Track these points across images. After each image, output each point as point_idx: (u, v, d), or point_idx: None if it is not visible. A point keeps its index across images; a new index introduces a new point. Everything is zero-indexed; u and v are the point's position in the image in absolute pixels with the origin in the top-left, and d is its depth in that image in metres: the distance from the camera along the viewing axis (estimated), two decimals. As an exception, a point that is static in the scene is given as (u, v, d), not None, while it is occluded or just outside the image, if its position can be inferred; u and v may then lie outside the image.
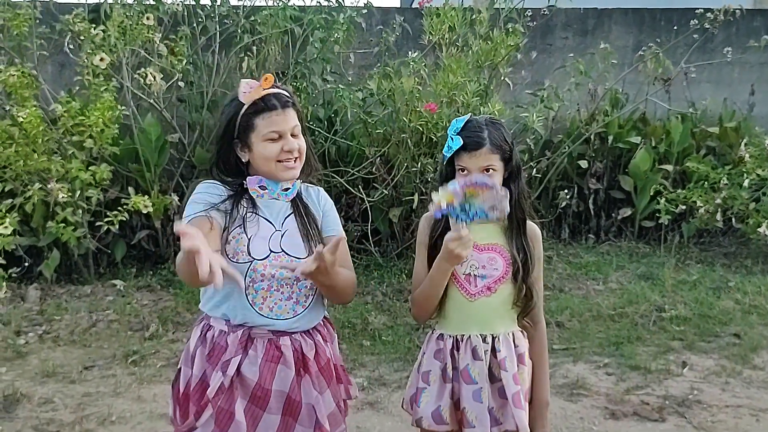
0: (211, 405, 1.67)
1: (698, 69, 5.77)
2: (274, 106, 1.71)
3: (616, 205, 5.96)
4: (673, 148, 5.82)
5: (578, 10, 6.17)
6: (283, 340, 1.73)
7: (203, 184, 1.78)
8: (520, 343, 1.88)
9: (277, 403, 1.71)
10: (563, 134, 5.76)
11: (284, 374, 1.72)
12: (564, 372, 3.49)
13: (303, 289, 1.77)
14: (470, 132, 1.79)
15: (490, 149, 1.78)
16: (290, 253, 1.74)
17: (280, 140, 1.73)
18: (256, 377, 1.69)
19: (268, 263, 1.71)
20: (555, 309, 4.30)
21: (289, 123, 1.73)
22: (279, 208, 1.79)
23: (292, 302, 1.75)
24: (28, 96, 4.05)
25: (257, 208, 1.77)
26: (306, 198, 1.85)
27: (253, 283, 1.71)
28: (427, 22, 4.81)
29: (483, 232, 1.84)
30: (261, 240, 1.73)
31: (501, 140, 1.81)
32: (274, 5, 5.02)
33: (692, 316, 4.25)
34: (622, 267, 5.22)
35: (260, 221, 1.75)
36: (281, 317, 1.74)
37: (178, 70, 4.76)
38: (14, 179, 4.26)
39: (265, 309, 1.72)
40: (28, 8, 4.51)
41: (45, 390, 3.20)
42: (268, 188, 1.78)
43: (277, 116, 1.71)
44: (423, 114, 4.52)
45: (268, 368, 1.70)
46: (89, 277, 4.77)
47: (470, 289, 1.85)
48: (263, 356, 1.71)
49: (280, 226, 1.77)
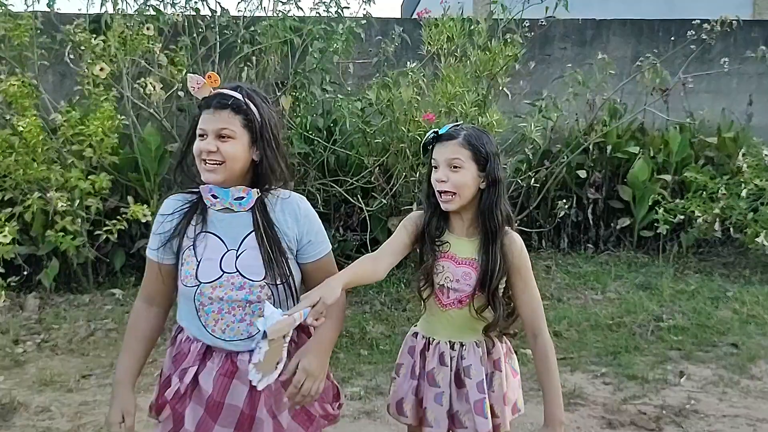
0: (168, 406, 1.72)
1: (696, 79, 5.78)
2: (208, 104, 1.65)
3: (615, 214, 5.97)
4: (672, 158, 5.84)
5: (576, 20, 6.20)
6: (241, 356, 1.70)
7: (165, 202, 1.76)
8: (495, 350, 1.89)
9: (229, 416, 1.69)
10: (562, 144, 5.78)
11: (239, 389, 1.69)
12: (561, 381, 3.45)
13: (256, 311, 1.67)
14: (450, 129, 1.81)
15: (460, 143, 1.77)
16: (245, 274, 1.66)
17: (204, 139, 1.65)
18: (210, 389, 1.69)
19: (218, 285, 1.66)
20: (553, 318, 4.30)
21: (216, 124, 1.63)
22: (238, 224, 1.70)
23: (245, 324, 1.68)
24: (28, 105, 4.07)
25: (208, 225, 1.70)
26: (277, 210, 1.73)
27: (203, 306, 1.68)
28: (426, 33, 4.84)
29: (462, 246, 1.84)
30: (210, 262, 1.67)
31: (478, 141, 1.78)
32: (273, 16, 5.05)
33: (690, 325, 4.25)
34: (620, 277, 5.22)
35: (210, 240, 1.69)
36: (234, 338, 1.69)
37: (178, 80, 4.78)
38: (14, 188, 4.27)
39: (217, 331, 1.68)
40: (29, 18, 4.54)
41: (42, 399, 3.20)
42: (219, 197, 1.69)
43: (207, 115, 1.65)
44: (421, 124, 4.54)
45: (221, 382, 1.69)
46: (88, 286, 4.78)
47: (443, 299, 1.86)
48: (218, 370, 1.69)
49: (236, 245, 1.69)
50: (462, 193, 1.78)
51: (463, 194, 1.78)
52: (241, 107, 1.64)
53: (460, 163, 1.77)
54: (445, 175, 1.77)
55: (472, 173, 1.78)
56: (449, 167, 1.77)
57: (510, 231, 1.82)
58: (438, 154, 1.80)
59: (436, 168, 1.81)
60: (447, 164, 1.77)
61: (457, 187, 1.77)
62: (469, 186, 1.78)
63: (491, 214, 1.78)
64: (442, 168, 1.78)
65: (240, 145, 1.65)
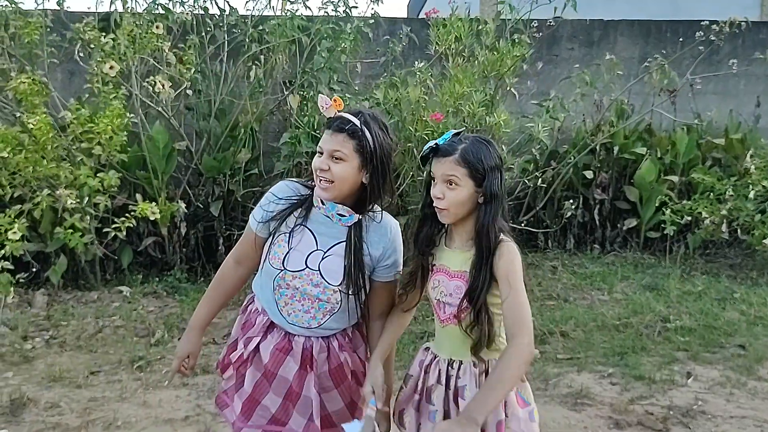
0: (232, 367, 1.95)
1: (704, 80, 5.78)
2: (330, 125, 1.80)
3: (622, 215, 5.96)
4: (679, 159, 5.82)
5: (584, 21, 6.19)
6: (297, 337, 1.89)
7: (280, 183, 1.94)
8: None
9: (280, 386, 1.88)
10: (569, 145, 5.77)
11: (290, 366, 1.87)
12: (568, 381, 3.49)
13: (322, 309, 1.87)
14: (450, 141, 1.75)
15: (456, 160, 1.72)
16: (325, 276, 1.83)
17: (320, 157, 1.80)
18: (268, 359, 1.88)
19: (298, 276, 1.84)
20: (559, 319, 4.30)
21: (331, 145, 1.77)
22: (333, 230, 1.85)
23: (309, 316, 1.87)
24: (38, 103, 4.09)
25: (308, 221, 1.86)
26: (370, 232, 1.86)
27: (279, 289, 1.86)
28: (434, 33, 4.85)
29: (455, 258, 1.81)
30: (299, 253, 1.84)
31: (475, 157, 1.72)
32: (282, 15, 5.06)
33: (697, 326, 4.24)
34: (627, 277, 5.21)
35: (305, 234, 1.85)
36: (296, 324, 1.88)
37: (187, 79, 4.80)
38: (23, 185, 4.29)
39: (284, 312, 1.88)
40: (39, 17, 4.57)
41: (51, 394, 3.21)
42: (326, 205, 1.84)
43: (328, 135, 1.79)
44: (429, 123, 4.54)
45: (277, 355, 1.88)
46: (96, 283, 4.80)
47: (440, 314, 1.84)
48: (276, 344, 1.88)
49: (325, 247, 1.85)
50: (457, 210, 1.75)
51: (458, 211, 1.75)
52: (357, 133, 1.76)
53: (456, 181, 1.72)
54: (442, 192, 1.73)
55: (469, 190, 1.73)
56: (446, 183, 1.73)
57: (505, 240, 1.75)
58: (435, 168, 1.76)
59: (434, 180, 1.77)
60: (443, 180, 1.73)
61: (453, 204, 1.74)
62: (464, 203, 1.74)
63: (486, 232, 1.73)
64: (440, 183, 1.74)
65: (350, 168, 1.78)
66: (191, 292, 4.64)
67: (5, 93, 4.43)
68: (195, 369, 2.22)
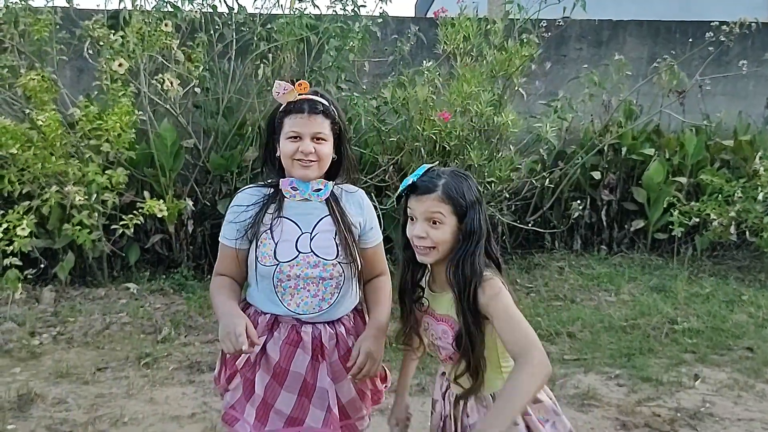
0: (239, 374, 1.88)
1: (713, 81, 5.76)
2: (302, 109, 1.82)
3: (629, 216, 5.94)
4: (687, 160, 5.80)
5: (593, 21, 6.17)
6: (305, 327, 1.86)
7: (238, 195, 1.94)
8: None
9: (294, 383, 1.85)
10: (576, 145, 5.76)
11: (302, 358, 1.85)
12: (575, 382, 3.48)
13: (329, 287, 1.86)
14: (426, 177, 1.67)
15: (439, 197, 1.63)
16: (319, 254, 1.84)
17: (299, 141, 1.83)
18: (278, 356, 1.84)
19: (295, 263, 1.83)
20: (566, 319, 4.29)
21: (311, 128, 1.82)
22: (311, 210, 1.88)
23: (318, 299, 1.86)
24: (47, 100, 4.10)
25: (283, 210, 1.87)
26: (344, 201, 1.93)
27: (281, 283, 1.84)
28: (442, 32, 4.84)
29: (439, 301, 1.73)
30: (287, 243, 1.84)
31: (458, 192, 1.64)
32: (290, 14, 5.07)
33: (705, 328, 4.22)
34: (634, 279, 5.20)
35: (285, 225, 1.86)
36: (307, 312, 1.86)
37: (195, 77, 4.80)
38: (32, 182, 4.31)
39: (292, 305, 1.85)
40: (48, 14, 4.58)
41: (58, 390, 3.22)
42: (299, 189, 1.87)
43: (301, 119, 1.82)
44: (436, 122, 4.54)
45: (287, 350, 1.85)
46: (103, 279, 4.81)
47: (439, 355, 1.77)
48: (284, 339, 1.85)
49: (309, 228, 1.86)
50: (441, 248, 1.67)
51: (442, 249, 1.67)
52: (330, 112, 1.86)
53: (440, 218, 1.64)
54: (424, 231, 1.65)
55: (452, 227, 1.65)
56: (428, 221, 1.65)
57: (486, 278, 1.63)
58: (415, 206, 1.67)
59: (412, 220, 1.69)
60: (426, 218, 1.65)
61: (438, 243, 1.66)
62: (449, 240, 1.66)
63: (462, 270, 1.63)
64: (421, 222, 1.66)
65: (330, 146, 1.87)
66: (198, 289, 4.65)
67: (14, 90, 4.45)
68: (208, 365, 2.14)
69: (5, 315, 4.06)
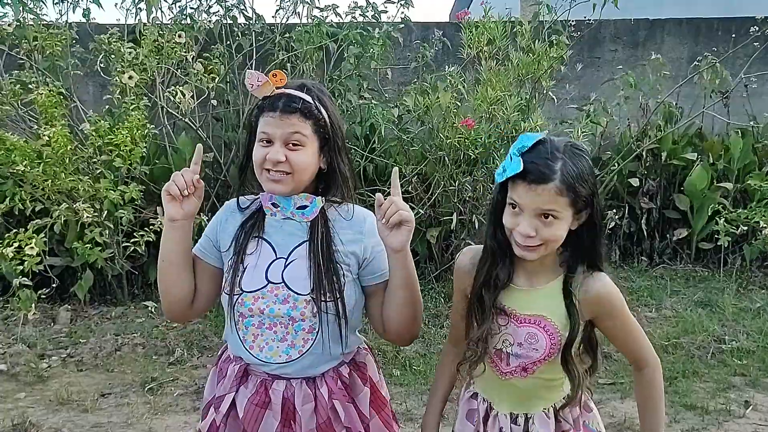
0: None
1: (759, 80, 5.44)
2: (275, 107, 1.48)
3: (671, 225, 5.65)
4: (733, 164, 5.52)
5: (628, 21, 5.91)
6: (276, 383, 1.55)
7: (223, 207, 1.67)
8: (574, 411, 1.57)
9: None
10: (612, 151, 5.52)
11: (269, 423, 1.53)
12: (610, 410, 3.22)
13: (299, 331, 1.52)
14: (538, 157, 1.35)
15: (557, 189, 1.33)
16: (291, 286, 1.51)
17: (269, 146, 1.49)
18: (243, 415, 1.55)
19: (260, 295, 1.51)
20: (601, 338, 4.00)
21: (284, 129, 1.47)
22: (292, 231, 1.55)
23: (285, 344, 1.53)
24: (57, 115, 4.02)
25: (263, 231, 1.57)
26: (335, 222, 1.56)
27: (242, 319, 1.54)
28: (466, 36, 4.64)
29: (525, 300, 1.47)
30: (256, 270, 1.53)
31: (578, 179, 1.34)
32: (309, 22, 4.94)
33: (756, 348, 3.91)
34: (677, 292, 4.89)
35: (263, 247, 1.55)
36: (271, 360, 1.53)
37: (212, 89, 4.70)
38: (44, 199, 4.24)
39: (255, 348, 1.54)
40: (65, 30, 4.53)
41: (56, 419, 3.09)
42: (280, 206, 1.55)
43: (273, 118, 1.48)
44: (461, 130, 4.33)
45: (253, 412, 1.54)
46: (123, 298, 4.74)
47: (502, 367, 1.51)
48: (250, 397, 1.54)
49: (285, 253, 1.53)
50: (552, 245, 1.41)
51: (553, 246, 1.42)
52: (312, 111, 1.49)
53: (556, 214, 1.36)
54: (533, 228, 1.37)
55: (568, 221, 1.39)
56: (539, 217, 1.36)
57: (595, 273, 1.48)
58: (523, 196, 1.36)
59: (514, 208, 1.39)
60: (537, 213, 1.36)
61: (548, 240, 1.39)
62: (562, 237, 1.40)
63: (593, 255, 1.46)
64: (529, 216, 1.36)
65: (310, 153, 1.50)
66: (215, 308, 4.50)
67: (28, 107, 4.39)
68: None
69: (17, 336, 3.98)
